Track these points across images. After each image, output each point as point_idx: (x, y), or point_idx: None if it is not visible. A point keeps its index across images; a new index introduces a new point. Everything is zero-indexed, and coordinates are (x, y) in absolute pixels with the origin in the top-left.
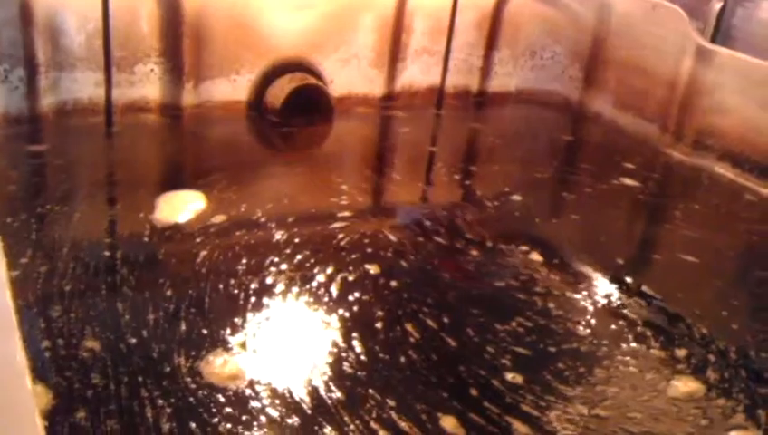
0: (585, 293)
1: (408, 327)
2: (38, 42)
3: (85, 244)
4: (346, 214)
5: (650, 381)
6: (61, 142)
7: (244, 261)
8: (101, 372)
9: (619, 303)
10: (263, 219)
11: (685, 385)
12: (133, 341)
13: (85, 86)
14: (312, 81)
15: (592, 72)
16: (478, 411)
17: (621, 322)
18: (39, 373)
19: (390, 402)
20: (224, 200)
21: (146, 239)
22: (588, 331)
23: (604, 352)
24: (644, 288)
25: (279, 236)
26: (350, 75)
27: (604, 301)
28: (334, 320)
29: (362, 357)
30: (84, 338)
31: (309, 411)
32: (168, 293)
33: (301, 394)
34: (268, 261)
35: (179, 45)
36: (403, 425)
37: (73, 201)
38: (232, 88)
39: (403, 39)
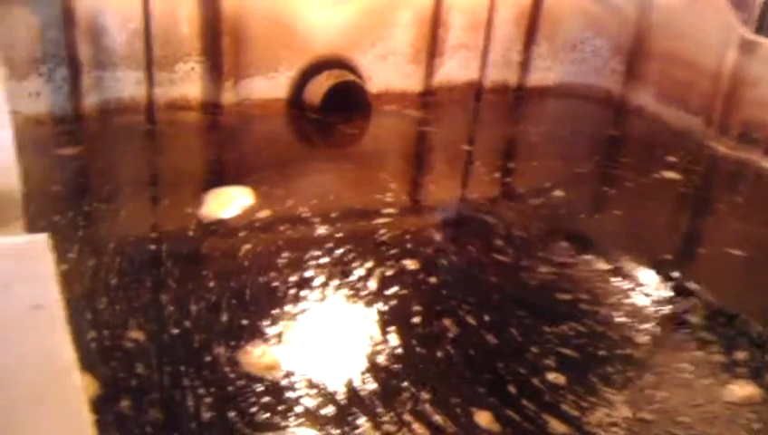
0: (634, 291)
1: (447, 323)
2: (80, 42)
3: (132, 239)
4: (390, 211)
5: (705, 385)
6: (104, 140)
7: (285, 255)
8: (145, 361)
9: (669, 301)
10: (307, 214)
11: (741, 389)
12: (176, 331)
13: (127, 85)
14: (350, 77)
15: (634, 64)
16: (515, 408)
17: (677, 324)
18: (86, 363)
19: (425, 396)
20: (270, 196)
21: (191, 234)
22: (636, 331)
23: (654, 353)
24: (693, 285)
25: (322, 230)
26: (388, 71)
27: (653, 300)
28: (372, 313)
29: (398, 350)
30: (129, 329)
31: (344, 402)
32: (211, 284)
33: (336, 385)
34: (309, 255)
35: (219, 44)
36: (437, 418)
37: (120, 198)
38: (271, 86)
39: (441, 34)
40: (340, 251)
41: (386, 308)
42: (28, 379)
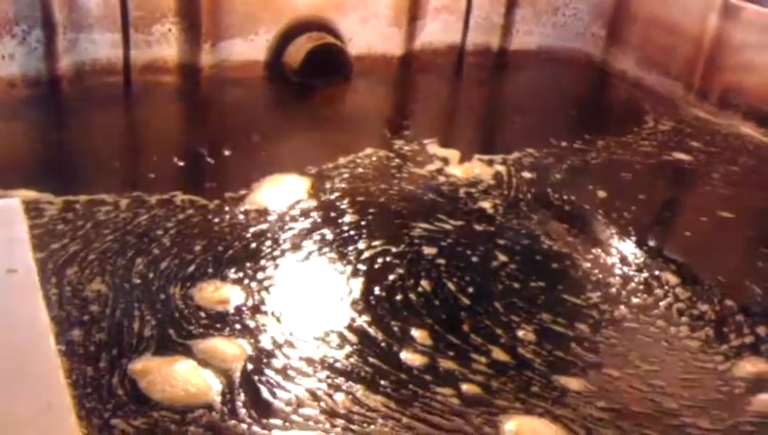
0: (624, 263)
1: (423, 283)
2: (55, 2)
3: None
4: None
5: (696, 357)
6: (82, 105)
7: (294, 232)
8: (102, 304)
9: (660, 269)
10: (344, 206)
11: (735, 362)
12: (137, 281)
13: (103, 47)
14: (331, 40)
15: (616, 29)
16: (459, 336)
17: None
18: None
19: (366, 318)
20: (322, 188)
21: (210, 216)
22: (627, 304)
23: (646, 323)
24: (685, 253)
25: (348, 218)
26: (369, 34)
27: (642, 269)
28: (347, 270)
29: (355, 295)
30: (93, 283)
31: (282, 323)
32: (197, 248)
33: (282, 313)
34: (318, 233)
35: (197, 5)
36: (371, 332)
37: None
38: (250, 48)
39: None
40: (352, 232)
41: (364, 268)
42: (2, 343)
